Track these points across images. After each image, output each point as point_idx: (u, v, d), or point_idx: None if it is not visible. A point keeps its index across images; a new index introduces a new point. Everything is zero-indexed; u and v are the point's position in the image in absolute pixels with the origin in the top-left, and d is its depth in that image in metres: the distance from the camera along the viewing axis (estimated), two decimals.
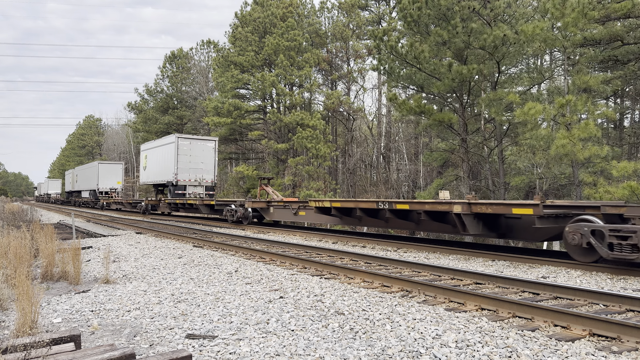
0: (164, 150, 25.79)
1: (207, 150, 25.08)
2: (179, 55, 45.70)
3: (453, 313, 5.21)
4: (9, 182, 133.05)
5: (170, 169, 24.30)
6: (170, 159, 24.43)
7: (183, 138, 24.51)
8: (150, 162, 27.82)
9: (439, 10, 18.27)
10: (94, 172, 40.45)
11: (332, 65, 35.66)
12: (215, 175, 25.36)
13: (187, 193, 24.04)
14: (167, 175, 24.75)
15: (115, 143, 71.14)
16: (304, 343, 4.25)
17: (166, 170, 24.96)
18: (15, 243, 7.49)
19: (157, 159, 26.68)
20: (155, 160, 27.05)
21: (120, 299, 6.12)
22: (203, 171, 24.81)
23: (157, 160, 26.63)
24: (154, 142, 28.40)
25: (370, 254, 9.13)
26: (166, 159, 25.06)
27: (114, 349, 3.52)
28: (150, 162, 27.97)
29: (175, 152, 24.01)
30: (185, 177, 24.16)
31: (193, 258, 9.73)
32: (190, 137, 25.02)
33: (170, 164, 24.31)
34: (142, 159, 29.70)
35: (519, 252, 9.88)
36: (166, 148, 25.36)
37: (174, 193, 23.77)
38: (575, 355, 3.90)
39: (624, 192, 14.27)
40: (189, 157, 24.19)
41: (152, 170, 27.58)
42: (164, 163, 25.49)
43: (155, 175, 26.84)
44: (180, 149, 24.10)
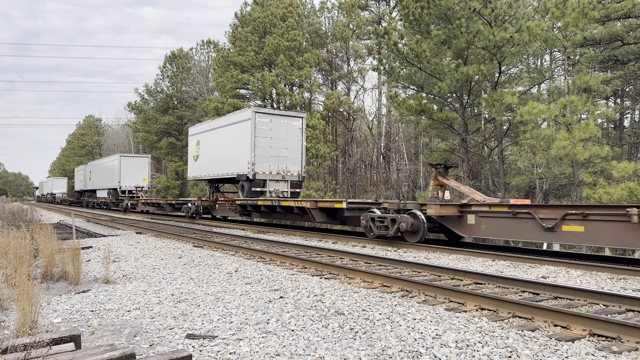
0: (232, 131, 19.19)
1: (292, 131, 18.48)
2: (179, 55, 45.69)
3: (453, 313, 5.21)
4: (9, 182, 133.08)
5: (244, 156, 17.99)
6: (243, 143, 18.11)
7: (262, 113, 17.96)
8: (208, 148, 21.33)
9: (440, 10, 18.28)
10: (114, 168, 34.27)
11: (332, 65, 35.66)
12: (303, 167, 18.78)
13: (268, 190, 17.79)
14: (238, 166, 18.45)
15: (115, 143, 71.12)
16: (304, 343, 4.25)
17: (236, 159, 18.67)
18: (15, 243, 7.49)
19: (220, 143, 20.19)
20: (215, 146, 20.60)
21: (120, 299, 6.12)
22: (288, 160, 18.36)
23: (220, 146, 20.15)
24: (213, 122, 21.63)
25: (370, 254, 9.13)
26: (237, 144, 18.72)
27: (114, 349, 3.52)
28: (206, 149, 21.45)
29: (251, 134, 17.48)
30: (265, 168, 17.78)
31: (193, 258, 9.73)
32: (270, 112, 18.37)
33: (244, 149, 18.00)
34: (192, 145, 23.12)
35: (519, 252, 9.89)
36: (236, 128, 18.83)
37: (250, 191, 17.62)
38: (575, 355, 3.90)
39: (623, 192, 14.27)
40: (269, 140, 17.92)
41: (210, 159, 21.05)
42: (232, 149, 19.05)
43: (216, 167, 20.32)
44: (259, 129, 17.66)
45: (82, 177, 46.69)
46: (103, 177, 37.65)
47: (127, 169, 33.50)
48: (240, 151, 18.19)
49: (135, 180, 33.62)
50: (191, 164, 23.09)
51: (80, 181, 47.63)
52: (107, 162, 36.87)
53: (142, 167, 34.42)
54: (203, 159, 21.66)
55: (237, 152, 18.46)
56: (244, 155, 17.89)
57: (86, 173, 44.51)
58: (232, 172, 18.74)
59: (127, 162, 33.82)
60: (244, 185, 17.90)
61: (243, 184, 18.02)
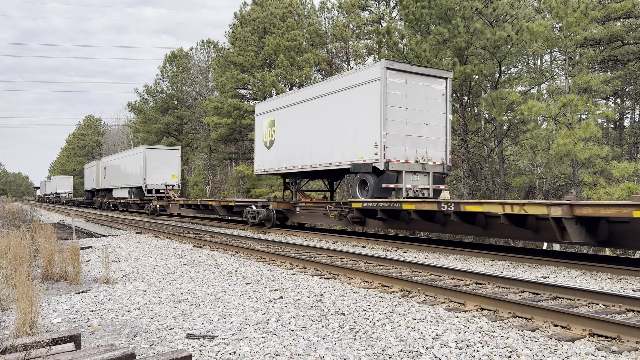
0: (341, 101, 13.31)
1: (433, 99, 12.66)
2: (179, 55, 45.70)
3: (453, 313, 5.21)
4: (9, 182, 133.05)
5: (366, 137, 12.39)
6: (364, 116, 12.46)
7: (396, 71, 12.15)
8: (291, 130, 15.44)
9: (440, 10, 18.29)
10: (138, 162, 28.93)
11: (332, 65, 35.66)
12: (449, 152, 12.97)
13: (404, 187, 12.09)
14: (353, 152, 12.79)
15: (115, 143, 71.03)
16: (304, 343, 4.25)
17: (348, 141, 12.99)
18: (15, 243, 7.49)
19: (315, 121, 14.28)
20: (305, 126, 14.68)
21: (120, 299, 6.12)
22: (428, 143, 12.57)
23: (315, 124, 14.24)
24: (300, 92, 15.44)
25: (370, 254, 9.13)
26: (350, 119, 12.94)
27: (114, 349, 3.52)
28: (288, 130, 15.54)
29: (381, 101, 11.93)
30: (399, 154, 12.11)
31: (193, 258, 9.73)
32: (406, 69, 12.33)
33: (366, 127, 12.39)
34: (262, 128, 17.24)
35: (519, 252, 9.88)
36: (351, 96, 12.97)
37: (379, 188, 11.96)
38: (575, 355, 3.90)
39: (622, 193, 14.28)
40: (404, 112, 12.21)
41: (294, 145, 15.20)
42: (342, 127, 13.24)
43: (307, 155, 14.58)
44: (391, 96, 12.03)
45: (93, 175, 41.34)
46: (122, 173, 32.60)
47: (155, 164, 28.37)
48: (360, 129, 12.49)
49: (163, 177, 28.46)
50: (261, 154, 17.19)
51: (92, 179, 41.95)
52: (129, 157, 31.60)
53: (172, 162, 29.26)
54: (282, 145, 15.88)
55: (352, 132, 12.72)
56: (367, 135, 12.22)
57: (99, 170, 39.12)
58: (342, 161, 12.98)
59: (154, 155, 28.44)
60: (368, 181, 12.27)
61: (365, 177, 12.38)
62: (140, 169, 28.53)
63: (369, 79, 12.32)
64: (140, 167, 28.50)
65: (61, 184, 60.12)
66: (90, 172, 43.43)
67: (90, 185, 43.15)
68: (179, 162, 29.82)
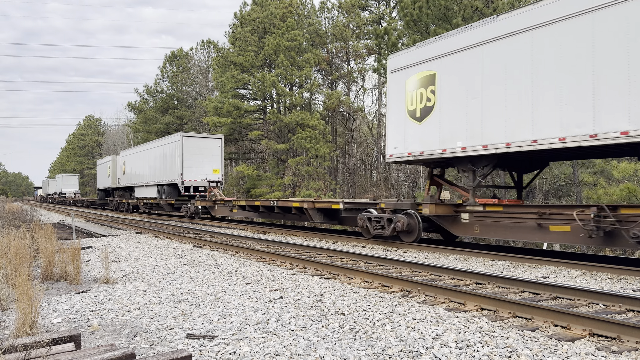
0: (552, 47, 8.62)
1: None
2: (179, 55, 45.71)
3: (453, 313, 5.21)
4: (9, 182, 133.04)
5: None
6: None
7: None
8: (474, 87, 10.08)
9: (439, 10, 18.30)
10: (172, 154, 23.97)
11: (332, 65, 35.67)
12: None
13: None
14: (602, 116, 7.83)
15: (115, 143, 71.05)
16: (304, 343, 4.25)
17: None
18: (15, 243, 7.49)
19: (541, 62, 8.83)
20: (508, 77, 9.42)
21: (120, 299, 6.12)
22: None
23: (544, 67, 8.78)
24: (494, 22, 9.80)
25: (370, 254, 9.13)
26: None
27: (114, 349, 3.52)
28: (467, 89, 10.22)
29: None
30: None
31: (193, 258, 9.73)
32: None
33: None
34: (407, 90, 11.60)
35: (519, 252, 9.89)
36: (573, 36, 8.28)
37: None
38: (575, 355, 3.90)
39: (622, 193, 14.29)
40: None
41: (482, 111, 9.88)
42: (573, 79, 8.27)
43: (528, 124, 8.97)
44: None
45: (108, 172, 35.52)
46: (150, 168, 27.39)
47: (193, 156, 23.20)
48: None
49: (203, 172, 23.38)
50: (403, 129, 11.74)
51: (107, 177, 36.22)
52: (159, 147, 26.34)
53: (213, 153, 24.05)
54: (452, 113, 10.54)
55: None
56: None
57: (117, 165, 33.65)
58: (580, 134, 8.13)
59: (192, 145, 23.25)
60: None
61: None
62: (176, 162, 23.24)
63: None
64: (176, 160, 23.18)
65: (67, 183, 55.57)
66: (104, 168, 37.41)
67: (105, 184, 37.55)
68: (221, 154, 24.50)
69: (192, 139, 24.20)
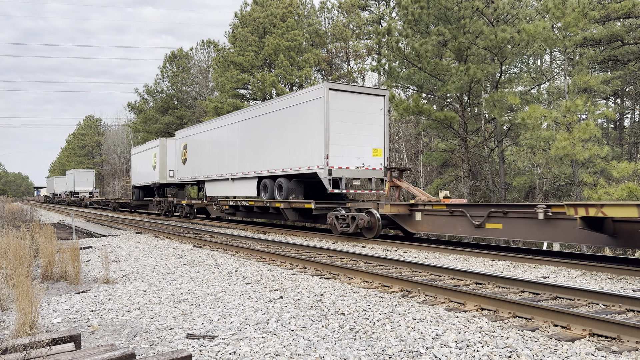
0: None
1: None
2: (179, 55, 45.73)
3: (453, 313, 5.21)
4: (9, 182, 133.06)
5: None
6: None
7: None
8: None
9: (439, 10, 18.29)
10: (305, 122, 14.52)
11: (332, 65, 35.67)
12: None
13: None
14: None
15: (115, 143, 71.09)
16: (304, 343, 4.25)
17: None
18: (15, 243, 7.49)
19: None
20: None
21: (120, 299, 6.12)
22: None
23: None
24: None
25: (370, 254, 9.13)
26: None
27: (114, 349, 3.52)
28: None
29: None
30: None
31: (193, 258, 9.73)
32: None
33: None
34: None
35: (519, 252, 9.88)
36: None
37: None
38: (575, 355, 3.90)
39: (622, 193, 14.29)
40: None
41: None
42: None
43: None
44: None
45: (153, 162, 26.21)
46: (245, 150, 17.60)
47: (344, 124, 13.88)
48: None
49: (360, 153, 14.21)
50: None
51: (151, 168, 26.46)
52: (271, 114, 16.26)
53: (373, 121, 14.44)
54: None
55: None
56: None
57: (168, 151, 25.10)
58: None
59: (343, 105, 13.87)
60: None
61: None
62: (314, 135, 13.90)
63: None
64: (314, 132, 13.90)
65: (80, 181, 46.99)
66: (146, 158, 28.02)
67: (145, 179, 28.07)
68: (384, 122, 14.48)
69: (344, 94, 13.75)
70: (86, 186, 47.21)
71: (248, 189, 17.63)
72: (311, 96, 14.19)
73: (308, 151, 14.21)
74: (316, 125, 13.82)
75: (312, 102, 14.10)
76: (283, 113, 15.54)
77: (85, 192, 46.35)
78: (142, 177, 29.31)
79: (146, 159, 28.40)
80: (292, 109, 15.14)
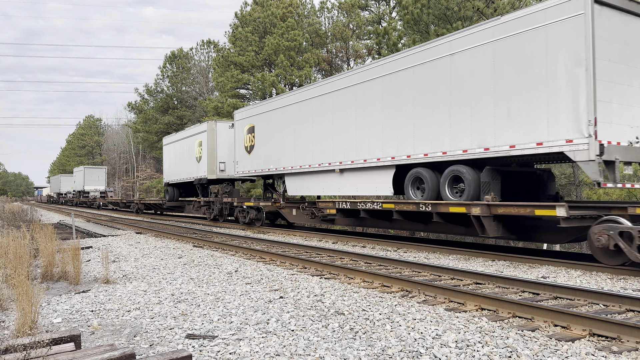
0: None
1: None
2: (179, 55, 45.73)
3: (453, 313, 5.21)
4: (9, 182, 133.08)
5: None
6: None
7: None
8: None
9: (439, 10, 18.29)
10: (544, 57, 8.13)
11: (332, 65, 35.66)
12: None
13: None
14: None
15: (115, 143, 71.07)
16: (304, 343, 4.25)
17: None
18: (15, 243, 7.49)
19: None
20: None
21: (120, 299, 6.12)
22: None
23: None
24: None
25: (370, 254, 9.13)
26: None
27: (114, 349, 3.52)
28: None
29: None
30: None
31: (193, 258, 9.73)
32: None
33: None
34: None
35: (519, 252, 9.88)
36: None
37: None
38: (575, 355, 3.90)
39: (622, 192, 14.28)
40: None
41: None
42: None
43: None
44: None
45: (198, 151, 21.31)
46: (381, 125, 11.57)
47: (614, 68, 8.08)
48: None
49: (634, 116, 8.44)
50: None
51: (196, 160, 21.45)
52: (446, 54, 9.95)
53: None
54: None
55: None
56: None
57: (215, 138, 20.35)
58: None
59: (612, 34, 8.03)
60: None
61: None
62: (562, 87, 8.06)
63: None
64: (560, 84, 8.08)
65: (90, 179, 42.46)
66: (185, 148, 22.98)
67: (188, 174, 22.36)
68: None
69: (619, 15, 8.26)
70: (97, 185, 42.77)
71: (373, 184, 12.12)
72: (550, 16, 8.21)
73: (539, 117, 8.34)
74: (564, 68, 8.01)
75: (551, 27, 8.18)
76: (470, 55, 9.51)
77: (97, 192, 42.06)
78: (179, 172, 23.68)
79: (186, 149, 22.87)
80: (493, 47, 9.15)
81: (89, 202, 41.79)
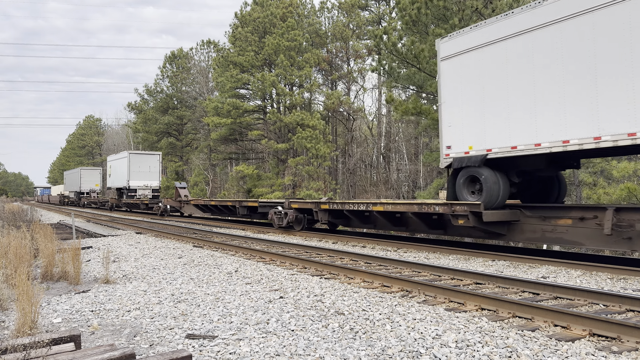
0: None
1: None
2: (179, 55, 45.74)
3: (453, 313, 5.21)
4: (9, 182, 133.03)
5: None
6: None
7: None
8: None
9: (437, 10, 18.29)
10: None
11: (332, 65, 35.67)
12: None
13: None
14: None
15: (115, 143, 71.08)
16: (304, 343, 4.25)
17: None
18: (16, 243, 7.49)
19: None
20: None
21: (120, 299, 6.12)
22: None
23: None
24: None
25: (370, 254, 9.13)
26: None
27: (114, 349, 3.53)
28: None
29: None
30: None
31: (193, 258, 9.73)
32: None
33: None
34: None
35: (519, 252, 9.88)
36: None
37: None
38: (575, 355, 3.90)
39: (622, 193, 14.28)
40: None
41: None
42: None
43: None
44: None
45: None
46: None
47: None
48: None
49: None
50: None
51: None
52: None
53: None
54: None
55: None
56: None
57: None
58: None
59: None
60: None
61: None
62: None
63: None
64: None
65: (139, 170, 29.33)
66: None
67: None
68: None
69: None
70: (149, 180, 29.12)
71: None
72: None
73: None
74: None
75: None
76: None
77: (147, 189, 29.35)
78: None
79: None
80: None
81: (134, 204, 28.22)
